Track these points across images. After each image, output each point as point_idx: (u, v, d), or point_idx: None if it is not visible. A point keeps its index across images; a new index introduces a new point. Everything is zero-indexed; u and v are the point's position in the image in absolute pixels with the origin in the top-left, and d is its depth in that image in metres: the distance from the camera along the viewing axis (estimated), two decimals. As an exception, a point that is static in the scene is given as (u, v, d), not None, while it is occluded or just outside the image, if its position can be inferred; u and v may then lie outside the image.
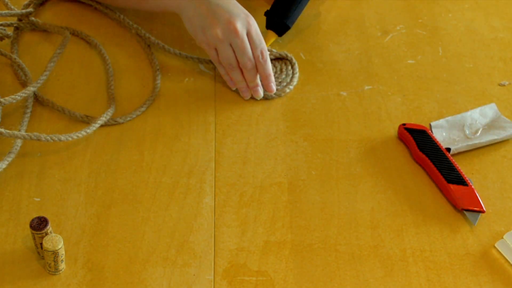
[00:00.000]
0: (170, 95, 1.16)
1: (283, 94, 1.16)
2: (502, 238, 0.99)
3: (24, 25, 1.24)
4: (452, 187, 1.03)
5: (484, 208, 1.02)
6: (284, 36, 1.25)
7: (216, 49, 1.13)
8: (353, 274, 0.96)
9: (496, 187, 1.05)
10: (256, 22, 1.14)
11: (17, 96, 1.08)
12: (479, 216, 1.01)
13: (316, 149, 1.10)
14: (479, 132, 1.10)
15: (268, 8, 1.23)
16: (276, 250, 0.98)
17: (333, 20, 1.28)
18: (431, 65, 1.21)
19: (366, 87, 1.18)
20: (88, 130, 1.07)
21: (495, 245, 0.99)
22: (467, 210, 1.02)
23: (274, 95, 1.16)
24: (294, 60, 1.20)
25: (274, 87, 1.15)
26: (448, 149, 1.08)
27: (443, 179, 1.03)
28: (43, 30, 1.24)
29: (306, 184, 1.06)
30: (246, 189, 1.05)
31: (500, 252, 0.98)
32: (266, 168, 1.07)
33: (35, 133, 1.04)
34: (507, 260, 0.97)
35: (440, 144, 1.07)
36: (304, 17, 1.27)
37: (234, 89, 1.16)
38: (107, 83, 1.16)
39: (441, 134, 1.10)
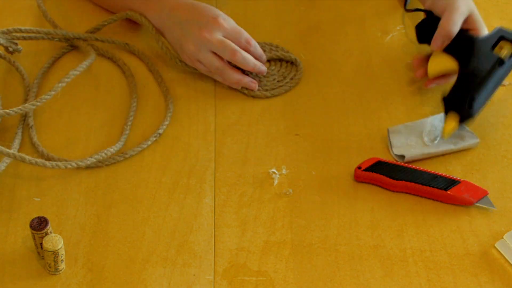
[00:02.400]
0: (170, 95, 1.17)
1: (283, 92, 1.16)
2: (502, 238, 0.99)
3: (58, 37, 1.22)
4: (452, 191, 1.02)
5: (486, 190, 1.03)
6: (284, 36, 1.25)
7: (200, 61, 1.15)
8: (353, 274, 0.96)
9: (496, 187, 1.05)
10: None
11: (11, 111, 1.05)
12: (488, 198, 1.02)
13: (316, 149, 1.10)
14: (437, 139, 1.08)
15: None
16: (276, 250, 0.99)
17: (333, 20, 1.28)
18: (431, 65, 1.21)
19: (367, 87, 1.18)
20: (80, 163, 1.04)
21: (495, 245, 0.99)
22: (478, 201, 1.02)
23: (272, 94, 1.16)
24: (299, 62, 1.20)
25: (263, 68, 1.16)
26: (402, 157, 1.07)
27: (439, 191, 1.02)
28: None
29: (306, 184, 1.06)
30: (246, 189, 1.05)
31: (500, 252, 0.98)
32: (266, 168, 1.07)
33: (20, 154, 1.02)
34: (507, 260, 0.97)
35: (398, 162, 1.05)
36: (304, 17, 1.27)
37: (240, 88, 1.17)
38: (127, 117, 1.13)
39: (399, 140, 1.08)
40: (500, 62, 1.08)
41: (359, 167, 1.04)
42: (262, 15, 1.28)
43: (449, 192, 1.02)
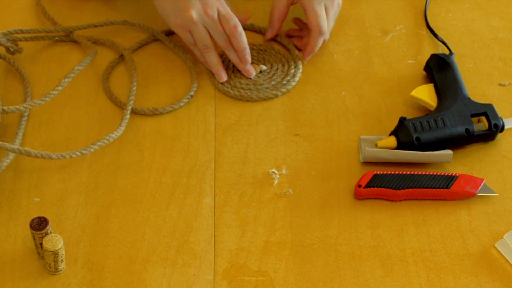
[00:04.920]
0: (170, 95, 1.16)
1: (285, 91, 1.16)
2: (502, 238, 0.99)
3: (58, 36, 1.23)
4: (454, 188, 1.03)
5: (482, 178, 1.04)
6: (284, 36, 1.25)
7: (190, 31, 1.16)
8: (353, 274, 0.96)
9: (496, 187, 1.05)
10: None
11: (21, 107, 1.07)
12: (486, 185, 1.03)
13: (316, 149, 1.10)
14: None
15: None
16: (276, 250, 0.98)
17: (333, 20, 1.28)
18: (431, 65, 1.21)
19: (367, 87, 1.18)
20: (84, 151, 1.06)
21: (495, 245, 0.99)
22: (479, 191, 1.03)
23: (278, 93, 1.15)
24: (297, 53, 1.21)
25: (249, 58, 1.17)
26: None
27: (441, 190, 1.02)
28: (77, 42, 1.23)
29: (306, 184, 1.06)
30: (246, 189, 1.05)
31: (500, 252, 0.98)
32: (266, 168, 1.07)
33: (25, 149, 1.03)
34: (507, 260, 0.97)
35: (394, 172, 1.04)
36: (305, 17, 1.27)
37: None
38: (127, 101, 1.14)
39: (370, 148, 1.06)
40: (470, 132, 1.08)
41: (359, 185, 1.03)
42: (262, 15, 1.28)
43: (451, 189, 1.02)
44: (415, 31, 1.26)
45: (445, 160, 1.06)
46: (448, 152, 1.06)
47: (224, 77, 1.17)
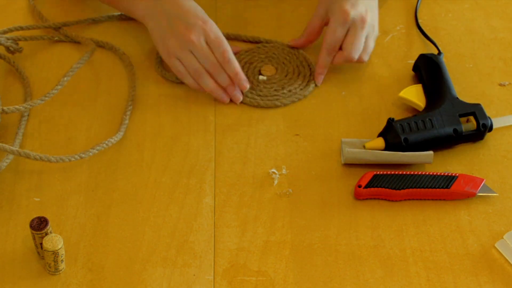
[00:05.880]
0: (170, 95, 1.16)
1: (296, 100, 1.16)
2: (502, 238, 0.99)
3: (58, 36, 1.23)
4: (454, 188, 1.03)
5: (482, 178, 1.04)
6: (284, 36, 1.24)
7: (178, 59, 1.13)
8: (353, 274, 0.96)
9: (496, 187, 1.05)
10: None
11: (21, 107, 1.08)
12: (485, 185, 1.03)
13: (316, 149, 1.10)
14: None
15: None
16: (276, 250, 0.98)
17: (333, 20, 1.28)
18: (431, 65, 1.21)
19: (366, 87, 1.18)
20: (83, 155, 1.05)
21: (495, 245, 0.99)
22: (479, 191, 1.03)
23: (281, 104, 1.15)
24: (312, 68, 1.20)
25: (246, 84, 1.14)
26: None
27: (442, 190, 1.02)
28: (76, 42, 1.23)
29: (306, 184, 1.06)
30: (246, 189, 1.05)
31: (500, 252, 0.98)
32: (266, 168, 1.07)
33: (25, 151, 1.03)
34: (507, 260, 0.97)
35: (394, 172, 1.04)
36: (304, 17, 1.27)
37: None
38: (125, 107, 1.14)
39: (350, 149, 1.06)
40: (458, 133, 1.08)
41: (359, 185, 1.03)
42: (262, 15, 1.28)
43: (451, 189, 1.02)
44: (415, 31, 1.26)
45: (426, 161, 1.06)
46: (429, 152, 1.06)
47: (226, 98, 1.14)
